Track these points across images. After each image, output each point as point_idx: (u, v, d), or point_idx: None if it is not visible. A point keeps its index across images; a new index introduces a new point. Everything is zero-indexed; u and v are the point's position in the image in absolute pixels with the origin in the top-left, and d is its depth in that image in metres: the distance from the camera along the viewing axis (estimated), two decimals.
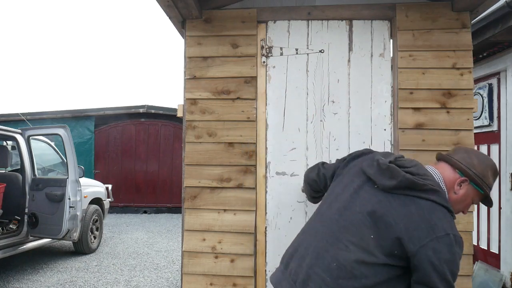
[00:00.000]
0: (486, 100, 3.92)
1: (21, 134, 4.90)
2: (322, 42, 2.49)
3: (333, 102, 2.46)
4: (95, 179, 7.88)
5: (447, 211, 1.34)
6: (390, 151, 2.43)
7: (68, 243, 6.14)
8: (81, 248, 5.54)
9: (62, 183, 4.63)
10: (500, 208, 3.74)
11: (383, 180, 1.41)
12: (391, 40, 2.49)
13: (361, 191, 1.46)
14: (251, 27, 2.50)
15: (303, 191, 2.25)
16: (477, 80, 4.05)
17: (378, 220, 1.33)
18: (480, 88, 4.03)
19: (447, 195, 1.43)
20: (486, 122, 3.93)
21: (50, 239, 5.10)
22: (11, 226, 4.96)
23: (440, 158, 1.56)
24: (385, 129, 2.43)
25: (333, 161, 2.43)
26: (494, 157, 3.85)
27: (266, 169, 2.49)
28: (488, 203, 1.54)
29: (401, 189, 1.36)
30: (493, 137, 3.88)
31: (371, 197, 1.41)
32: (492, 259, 3.86)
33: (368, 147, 2.42)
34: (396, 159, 1.51)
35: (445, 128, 2.34)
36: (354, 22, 2.48)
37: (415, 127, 2.35)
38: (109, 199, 6.57)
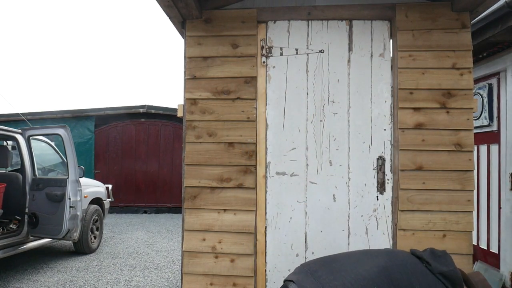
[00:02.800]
0: (486, 100, 3.92)
1: (21, 134, 4.91)
2: (322, 42, 2.49)
3: (333, 102, 2.46)
4: (95, 179, 7.88)
5: None
6: (390, 151, 2.43)
7: (68, 243, 6.14)
8: (81, 248, 5.54)
9: (62, 183, 4.64)
10: (500, 208, 3.74)
11: (435, 263, 1.68)
12: (391, 40, 2.49)
13: (410, 262, 1.70)
14: (251, 27, 2.50)
15: None
16: (477, 80, 4.05)
17: None
18: (480, 88, 4.03)
19: None
20: (486, 122, 3.93)
21: (50, 239, 5.10)
22: (11, 226, 4.96)
23: (468, 285, 1.76)
24: (385, 129, 2.43)
25: (333, 161, 2.44)
26: (494, 157, 3.85)
27: (266, 169, 2.49)
28: None
29: (445, 278, 1.63)
30: (493, 137, 3.88)
31: (420, 270, 1.66)
32: (491, 259, 3.86)
33: (368, 147, 2.43)
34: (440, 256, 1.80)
35: (445, 128, 2.35)
36: (354, 22, 2.48)
37: (415, 127, 2.35)
38: (109, 199, 6.57)
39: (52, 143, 5.69)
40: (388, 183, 2.42)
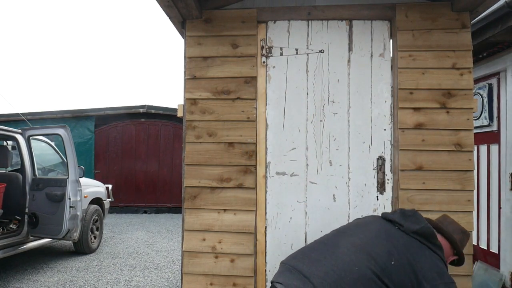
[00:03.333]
0: (486, 100, 3.92)
1: (21, 134, 4.90)
2: (322, 42, 2.49)
3: (333, 102, 2.46)
4: (95, 179, 7.88)
5: (445, 268, 1.66)
6: (390, 151, 2.43)
7: (68, 243, 6.14)
8: (81, 248, 5.54)
9: (62, 183, 4.63)
10: (500, 208, 3.74)
11: (407, 223, 1.72)
12: (391, 40, 2.49)
13: (386, 226, 1.74)
14: (251, 27, 2.50)
15: None
16: (477, 80, 4.04)
17: (400, 253, 1.60)
18: (480, 88, 4.03)
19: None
20: (486, 122, 3.93)
21: (50, 239, 5.10)
22: (11, 226, 4.96)
23: (442, 233, 1.84)
24: (385, 129, 2.43)
25: (333, 161, 2.44)
26: (494, 157, 3.85)
27: (266, 169, 2.49)
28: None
29: (419, 235, 1.67)
30: (493, 137, 3.88)
31: (395, 234, 1.69)
32: (491, 259, 3.86)
33: (368, 147, 2.43)
34: (415, 211, 1.84)
35: (445, 128, 2.35)
36: (354, 22, 2.48)
37: (415, 127, 2.35)
38: (109, 199, 6.57)
39: (52, 143, 5.69)
40: (388, 183, 2.42)
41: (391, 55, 2.47)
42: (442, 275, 1.59)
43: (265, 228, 2.48)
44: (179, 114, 2.59)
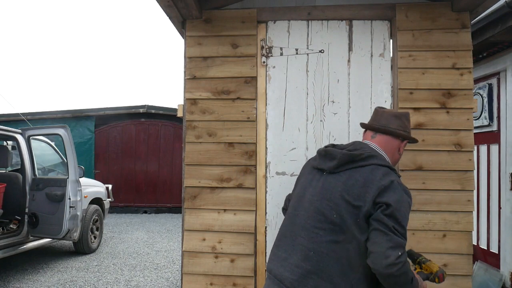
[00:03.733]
0: (486, 100, 3.92)
1: (21, 134, 4.91)
2: (322, 42, 2.49)
3: (333, 102, 2.46)
4: (95, 179, 7.88)
5: (388, 169, 1.52)
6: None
7: (68, 243, 6.14)
8: (81, 248, 5.54)
9: (62, 183, 4.64)
10: (500, 208, 3.74)
11: (326, 164, 1.58)
12: (391, 40, 2.49)
13: (314, 183, 1.61)
14: (251, 27, 2.50)
15: None
16: (477, 80, 4.05)
17: (335, 199, 1.48)
18: (480, 88, 4.03)
19: (387, 158, 1.65)
20: (486, 122, 3.93)
21: (50, 239, 5.10)
22: (11, 226, 4.95)
23: (377, 130, 1.69)
24: None
25: None
26: (494, 157, 3.85)
27: (266, 169, 2.49)
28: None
29: (343, 165, 1.53)
30: (492, 137, 3.88)
31: (324, 183, 1.56)
32: (491, 259, 3.86)
33: None
34: (334, 145, 1.70)
35: (445, 128, 2.35)
36: (354, 22, 2.48)
37: (415, 127, 2.35)
38: (109, 199, 6.57)
39: (52, 143, 5.69)
40: None
41: (391, 55, 2.47)
42: (378, 182, 1.44)
43: (265, 228, 2.48)
44: (179, 114, 2.59)
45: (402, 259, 1.35)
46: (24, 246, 4.67)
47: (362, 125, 1.79)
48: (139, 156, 10.10)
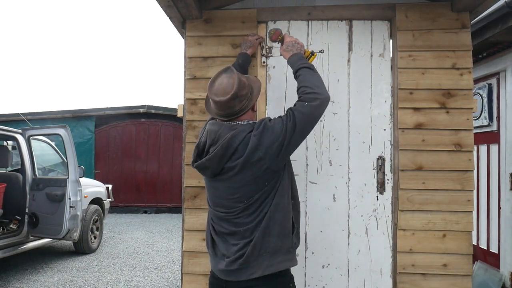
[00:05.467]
0: (485, 100, 3.92)
1: (21, 134, 4.91)
2: (322, 42, 2.49)
3: (333, 102, 2.46)
4: (95, 179, 7.88)
5: (253, 122, 1.74)
6: (389, 151, 2.42)
7: (68, 243, 6.14)
8: (81, 248, 5.55)
9: (62, 183, 4.64)
10: (499, 208, 3.74)
11: (214, 174, 1.79)
12: (391, 40, 2.49)
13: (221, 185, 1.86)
14: (251, 27, 2.51)
15: None
16: (476, 80, 4.05)
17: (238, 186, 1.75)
18: (479, 88, 4.04)
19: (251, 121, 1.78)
20: (485, 122, 3.93)
21: (50, 239, 5.11)
22: (11, 226, 4.96)
23: (229, 115, 1.82)
24: (384, 129, 2.43)
25: (333, 161, 2.44)
26: (494, 157, 3.85)
27: None
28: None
29: (221, 149, 1.67)
30: (492, 137, 3.88)
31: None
32: (491, 258, 3.87)
33: (368, 147, 2.43)
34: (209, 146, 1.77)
35: (445, 128, 2.35)
36: (354, 22, 2.48)
37: (415, 127, 2.36)
38: (109, 199, 6.58)
39: (52, 143, 5.70)
40: (388, 183, 2.42)
41: (391, 55, 2.47)
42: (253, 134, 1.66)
43: None
44: (179, 114, 2.59)
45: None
46: (24, 246, 4.67)
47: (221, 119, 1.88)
48: (139, 156, 10.10)
